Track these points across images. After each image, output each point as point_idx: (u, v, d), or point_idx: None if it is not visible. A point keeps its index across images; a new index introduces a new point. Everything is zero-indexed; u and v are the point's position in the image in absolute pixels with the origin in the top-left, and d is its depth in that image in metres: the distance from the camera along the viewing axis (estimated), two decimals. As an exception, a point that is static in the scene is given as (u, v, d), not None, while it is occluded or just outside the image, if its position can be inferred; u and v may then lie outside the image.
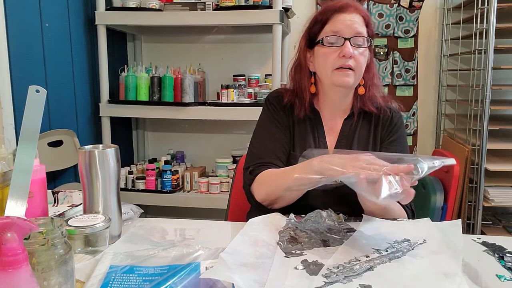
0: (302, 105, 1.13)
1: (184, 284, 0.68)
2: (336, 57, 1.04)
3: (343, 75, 1.04)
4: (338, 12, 1.06)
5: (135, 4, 2.37)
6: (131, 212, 1.03)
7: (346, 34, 1.04)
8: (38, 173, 0.85)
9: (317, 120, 1.16)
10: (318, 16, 1.10)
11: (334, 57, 1.05)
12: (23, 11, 1.89)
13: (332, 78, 1.06)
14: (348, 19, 1.05)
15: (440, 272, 0.70)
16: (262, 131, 1.16)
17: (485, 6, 2.01)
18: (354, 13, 1.06)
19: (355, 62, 1.04)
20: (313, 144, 1.13)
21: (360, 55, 1.05)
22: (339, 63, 1.04)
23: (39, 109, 0.72)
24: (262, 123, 1.18)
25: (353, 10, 1.06)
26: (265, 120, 1.17)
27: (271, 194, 1.03)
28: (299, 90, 1.15)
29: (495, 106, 2.09)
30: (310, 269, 0.72)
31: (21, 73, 1.85)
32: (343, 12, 1.06)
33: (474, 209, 2.13)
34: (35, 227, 0.53)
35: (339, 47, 1.04)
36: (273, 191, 1.02)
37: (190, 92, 2.38)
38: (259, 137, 1.16)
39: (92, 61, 2.42)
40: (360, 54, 1.05)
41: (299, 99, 1.14)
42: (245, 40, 2.70)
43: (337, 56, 1.04)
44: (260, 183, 1.06)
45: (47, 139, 2.03)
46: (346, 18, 1.05)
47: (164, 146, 2.83)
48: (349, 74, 1.04)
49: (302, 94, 1.13)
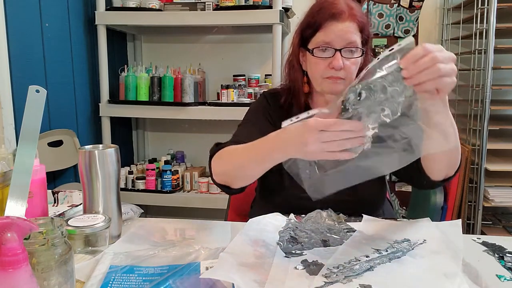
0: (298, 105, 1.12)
1: (184, 284, 0.68)
2: (326, 67, 1.02)
3: (332, 84, 1.02)
4: (331, 19, 1.02)
5: (135, 4, 2.37)
6: (131, 212, 1.03)
7: (337, 45, 1.01)
8: (38, 173, 0.85)
9: None
10: (311, 19, 1.06)
11: (323, 67, 1.02)
12: (23, 11, 1.89)
13: (321, 86, 1.05)
14: (340, 28, 1.01)
15: (440, 272, 0.70)
16: (248, 118, 1.14)
17: (485, 6, 2.01)
18: (348, 20, 1.02)
19: (346, 72, 1.01)
20: None
21: (351, 64, 1.02)
22: (329, 73, 1.02)
23: (39, 109, 0.72)
24: (252, 113, 1.16)
25: (347, 18, 1.02)
26: (255, 111, 1.15)
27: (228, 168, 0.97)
28: (294, 89, 1.13)
29: (495, 106, 2.09)
30: (310, 269, 0.72)
31: (21, 73, 1.85)
32: (336, 21, 1.01)
33: (474, 209, 2.13)
34: (35, 227, 0.53)
35: (330, 58, 1.01)
36: (231, 165, 0.96)
37: (190, 92, 2.38)
38: (243, 123, 1.13)
39: (92, 61, 2.42)
40: (352, 63, 1.02)
41: (295, 99, 1.13)
42: (245, 40, 2.70)
43: (327, 66, 1.02)
44: (221, 156, 1.00)
45: (47, 139, 2.03)
46: (339, 27, 1.01)
47: (164, 146, 2.83)
48: (339, 83, 1.02)
49: (298, 93, 1.12)
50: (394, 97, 0.72)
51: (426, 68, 0.69)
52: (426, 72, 0.69)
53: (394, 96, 0.72)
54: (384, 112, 0.73)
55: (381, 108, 0.73)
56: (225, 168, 0.98)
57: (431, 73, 0.69)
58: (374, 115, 0.73)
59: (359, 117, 0.74)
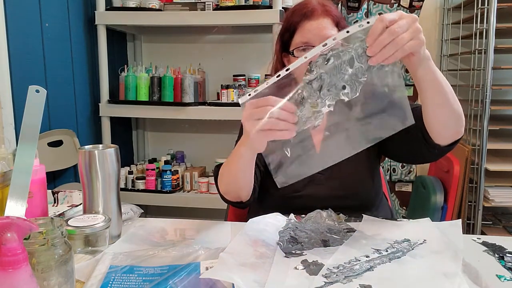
0: None
1: (184, 284, 0.68)
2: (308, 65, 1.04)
3: None
4: (305, 19, 1.04)
5: (135, 4, 2.37)
6: (131, 212, 1.03)
7: (315, 43, 1.00)
8: (38, 173, 0.85)
9: None
10: (287, 23, 1.09)
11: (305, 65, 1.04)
12: (23, 11, 1.89)
13: None
14: (315, 26, 1.02)
15: (440, 272, 0.70)
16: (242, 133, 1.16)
17: (485, 6, 2.01)
18: (321, 17, 1.03)
19: None
20: None
21: None
22: None
23: (39, 109, 0.72)
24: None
25: (320, 14, 1.03)
26: None
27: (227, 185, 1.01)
28: None
29: (495, 106, 2.09)
30: (310, 269, 0.72)
31: (21, 73, 1.85)
32: (310, 19, 1.03)
33: (474, 209, 2.13)
34: (35, 227, 0.53)
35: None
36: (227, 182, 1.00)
37: (190, 92, 2.38)
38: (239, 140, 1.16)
39: (92, 61, 2.42)
40: None
41: None
42: (245, 40, 2.70)
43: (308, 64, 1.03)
44: (220, 176, 1.04)
45: (47, 139, 2.03)
46: (313, 25, 1.03)
47: (164, 146, 2.83)
48: None
49: None
50: (357, 75, 0.73)
51: (387, 44, 0.70)
52: (388, 47, 0.70)
53: (358, 74, 0.73)
54: (344, 90, 0.74)
55: (343, 85, 0.73)
56: (226, 187, 1.02)
57: (393, 47, 0.70)
58: (334, 90, 0.74)
59: (320, 86, 0.74)
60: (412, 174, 2.50)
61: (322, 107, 0.74)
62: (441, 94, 0.84)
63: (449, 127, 0.91)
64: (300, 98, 0.75)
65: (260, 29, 2.53)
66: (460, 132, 0.92)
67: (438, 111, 0.87)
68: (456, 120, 0.89)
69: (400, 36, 0.70)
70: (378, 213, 1.08)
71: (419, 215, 1.02)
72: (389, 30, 0.70)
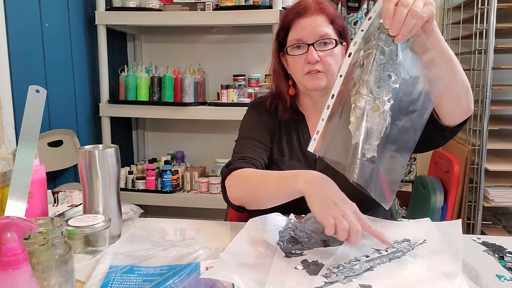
0: (284, 108, 1.13)
1: (184, 284, 0.68)
2: (303, 63, 1.04)
3: (313, 79, 1.04)
4: (298, 17, 1.04)
5: (135, 4, 2.37)
6: (131, 212, 1.03)
7: (309, 40, 1.02)
8: (38, 173, 0.85)
9: (301, 122, 1.15)
10: (282, 22, 1.09)
11: (301, 64, 1.04)
12: (23, 11, 1.89)
13: (303, 83, 1.06)
14: (309, 24, 1.03)
15: (440, 272, 0.70)
16: (245, 133, 1.15)
17: (485, 6, 2.01)
18: (315, 14, 1.03)
19: (323, 65, 1.03)
20: (298, 145, 1.13)
21: (327, 56, 1.03)
22: (307, 68, 1.03)
23: (39, 109, 0.72)
24: (245, 126, 1.17)
25: (314, 12, 1.04)
26: (247, 123, 1.17)
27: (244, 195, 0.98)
28: (280, 93, 1.15)
29: (495, 106, 2.09)
30: (310, 269, 0.72)
31: (21, 73, 1.85)
32: (303, 17, 1.04)
33: (474, 209, 2.13)
34: (35, 227, 0.53)
35: (305, 54, 1.03)
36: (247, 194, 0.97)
37: (190, 92, 2.38)
38: (241, 139, 1.15)
39: (92, 61, 2.42)
40: (327, 55, 1.03)
41: (281, 101, 1.14)
42: (245, 40, 2.70)
43: (304, 62, 1.04)
44: (235, 181, 0.99)
45: (47, 139, 2.03)
46: (307, 23, 1.03)
47: (164, 146, 2.83)
48: (319, 77, 1.03)
49: (284, 97, 1.14)
50: (392, 58, 0.72)
51: (406, 17, 0.70)
52: (408, 20, 0.70)
53: (392, 57, 0.72)
54: (391, 79, 0.73)
55: (388, 74, 0.73)
56: (241, 199, 0.99)
57: (412, 17, 0.70)
58: (383, 84, 0.73)
59: (370, 89, 0.72)
60: (412, 174, 2.50)
61: (383, 105, 0.73)
62: (451, 64, 0.84)
63: (459, 102, 0.90)
64: (360, 114, 0.73)
65: (260, 29, 2.53)
66: (470, 108, 0.92)
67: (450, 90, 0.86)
68: (465, 94, 0.89)
69: (413, 4, 0.70)
70: (378, 213, 1.08)
71: (419, 215, 1.02)
72: (401, 4, 0.70)
